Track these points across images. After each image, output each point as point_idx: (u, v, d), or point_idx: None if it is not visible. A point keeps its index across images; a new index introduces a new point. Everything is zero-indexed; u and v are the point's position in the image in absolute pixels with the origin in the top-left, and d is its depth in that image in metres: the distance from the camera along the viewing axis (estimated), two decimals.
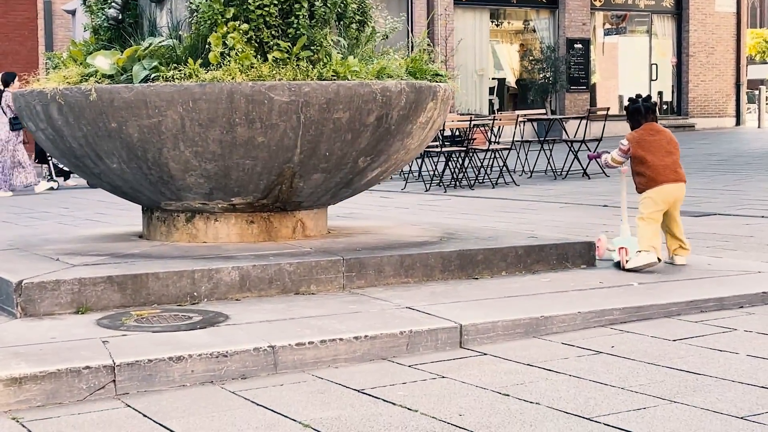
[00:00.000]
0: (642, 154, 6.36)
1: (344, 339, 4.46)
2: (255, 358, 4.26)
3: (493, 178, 15.00)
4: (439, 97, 6.22)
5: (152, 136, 5.70)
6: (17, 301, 4.89)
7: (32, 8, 19.97)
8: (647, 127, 6.48)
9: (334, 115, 5.73)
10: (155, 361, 4.08)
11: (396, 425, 3.55)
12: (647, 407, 3.71)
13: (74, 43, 6.58)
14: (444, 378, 4.18)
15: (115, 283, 5.08)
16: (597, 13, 27.36)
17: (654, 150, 6.38)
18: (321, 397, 3.94)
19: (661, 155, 6.39)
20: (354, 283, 5.58)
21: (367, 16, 6.52)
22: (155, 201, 6.20)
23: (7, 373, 3.84)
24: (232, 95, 5.57)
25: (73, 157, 6.17)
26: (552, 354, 4.54)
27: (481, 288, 5.63)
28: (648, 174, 6.34)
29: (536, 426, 3.52)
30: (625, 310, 5.18)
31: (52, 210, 12.48)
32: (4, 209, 12.70)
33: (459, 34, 24.53)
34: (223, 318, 4.84)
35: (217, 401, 3.90)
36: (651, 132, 6.45)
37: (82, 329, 4.61)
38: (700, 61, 28.54)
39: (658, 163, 6.35)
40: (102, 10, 6.50)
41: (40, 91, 5.93)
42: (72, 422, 3.66)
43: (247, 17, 5.81)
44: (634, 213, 6.44)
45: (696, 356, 4.46)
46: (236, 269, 5.33)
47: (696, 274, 6.13)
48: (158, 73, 5.74)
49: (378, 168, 6.28)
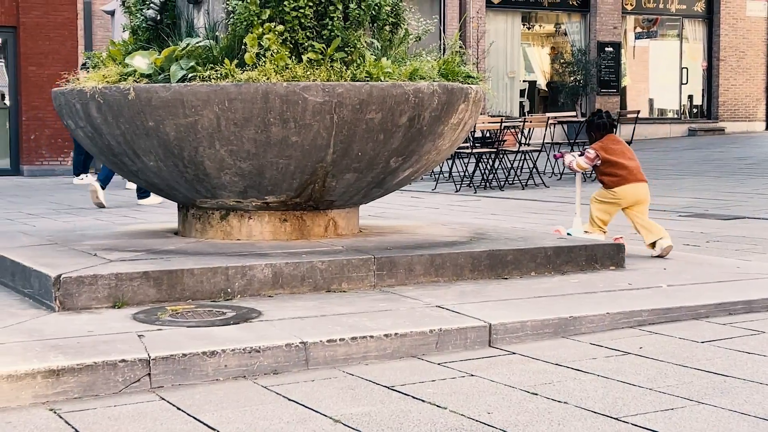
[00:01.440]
0: (614, 159, 7.24)
1: (375, 336, 4.47)
2: (287, 354, 4.28)
3: (522, 180, 14.96)
4: (470, 98, 6.21)
5: (188, 134, 5.73)
6: (56, 295, 4.93)
7: (72, 9, 20.13)
8: (609, 137, 7.42)
9: (367, 115, 5.74)
10: (189, 356, 4.11)
11: (425, 422, 3.56)
12: (675, 408, 3.68)
13: (113, 43, 6.62)
14: (473, 376, 4.17)
15: (151, 279, 5.12)
16: (628, 17, 27.19)
17: (620, 154, 7.30)
18: (351, 393, 3.94)
19: (627, 159, 7.32)
20: (385, 281, 5.59)
21: (401, 18, 6.52)
22: (191, 198, 6.23)
23: (45, 366, 3.87)
24: (267, 95, 5.59)
25: (111, 155, 6.21)
26: (580, 354, 4.53)
27: (511, 288, 5.62)
28: (621, 173, 7.22)
29: (564, 425, 3.51)
30: (654, 312, 5.15)
31: (90, 206, 12.57)
32: (44, 205, 12.81)
33: (491, 37, 24.47)
34: (256, 314, 4.86)
35: (250, 395, 3.92)
36: (613, 141, 7.39)
37: (118, 323, 4.64)
38: (730, 66, 28.31)
39: (627, 165, 7.24)
40: (140, 11, 6.54)
41: (80, 90, 5.98)
42: (108, 414, 3.69)
43: (282, 19, 5.82)
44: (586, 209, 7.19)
45: (724, 358, 4.42)
46: (269, 266, 5.35)
47: (725, 277, 6.09)
48: (195, 73, 5.77)
49: (409, 168, 6.28)
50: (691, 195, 12.83)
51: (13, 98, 19.78)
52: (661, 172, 16.53)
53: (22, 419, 3.63)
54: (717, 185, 14.21)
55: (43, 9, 19.75)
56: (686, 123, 27.74)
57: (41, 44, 19.69)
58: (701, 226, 9.65)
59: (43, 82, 19.14)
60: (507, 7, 25.50)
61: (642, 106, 26.36)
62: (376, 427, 3.50)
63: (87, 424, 3.56)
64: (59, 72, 8.85)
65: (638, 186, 7.21)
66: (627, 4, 26.94)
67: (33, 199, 13.98)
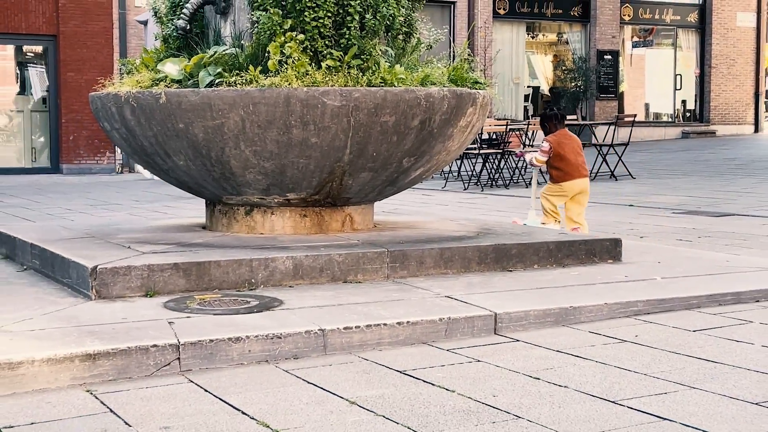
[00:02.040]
0: (562, 153, 7.62)
1: (388, 324, 4.47)
2: (306, 340, 4.28)
3: (526, 179, 14.93)
4: (478, 103, 6.19)
5: (216, 136, 5.74)
6: (92, 284, 4.95)
7: (108, 19, 20.18)
8: (562, 132, 7.73)
9: (382, 118, 5.73)
10: (216, 341, 4.11)
11: (434, 404, 3.55)
12: (668, 392, 3.67)
13: (146, 50, 6.63)
14: (479, 362, 4.17)
15: (181, 270, 5.13)
16: (626, 27, 27.08)
17: (569, 150, 7.66)
18: (366, 376, 3.94)
19: (574, 155, 7.68)
20: (397, 273, 5.58)
21: (413, 28, 6.51)
22: (217, 195, 6.24)
23: (82, 350, 3.89)
24: (289, 99, 5.59)
25: (144, 155, 6.23)
26: (580, 342, 4.52)
27: (515, 279, 5.61)
28: (565, 169, 7.65)
29: (564, 407, 3.50)
30: (649, 303, 5.14)
31: (124, 202, 12.62)
32: (81, 200, 12.86)
33: (497, 45, 24.42)
34: (278, 303, 4.86)
35: (272, 379, 3.92)
36: (566, 136, 7.73)
37: (150, 311, 4.66)
38: (721, 73, 28.17)
39: (573, 161, 7.65)
40: (171, 21, 6.55)
41: (115, 94, 5.99)
42: (140, 395, 3.70)
43: (303, 28, 5.82)
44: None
45: (714, 346, 4.41)
46: (290, 259, 5.35)
47: (715, 270, 6.06)
48: (222, 79, 5.77)
49: (421, 168, 6.27)
50: (684, 193, 12.78)
51: (53, 102, 19.86)
52: (655, 172, 16.46)
53: (60, 399, 3.64)
54: (708, 184, 14.15)
55: (82, 19, 19.81)
56: (680, 126, 27.63)
57: (79, 51, 19.75)
58: (693, 222, 9.61)
59: (81, 87, 19.21)
60: (513, 18, 25.44)
61: (639, 111, 26.25)
62: (389, 409, 3.50)
63: (121, 404, 3.57)
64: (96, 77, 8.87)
65: (581, 181, 7.72)
66: (625, 15, 26.84)
67: (71, 195, 14.03)
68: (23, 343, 3.99)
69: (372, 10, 5.98)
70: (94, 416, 3.44)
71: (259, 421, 3.37)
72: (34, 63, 20.21)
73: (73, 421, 3.39)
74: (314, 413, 3.45)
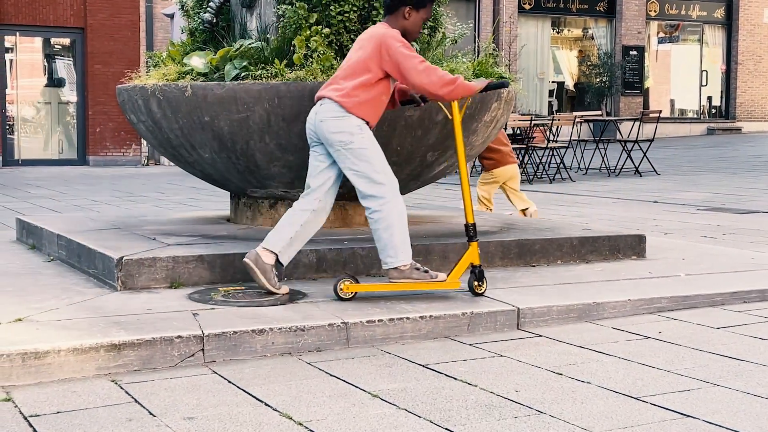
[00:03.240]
0: (493, 145, 8.38)
1: (411, 318, 4.47)
2: (329, 333, 4.29)
3: (550, 174, 14.88)
4: (502, 98, 6.17)
5: (241, 129, 5.75)
6: (118, 275, 4.98)
7: (135, 12, 20.28)
8: None
9: (406, 112, 5.73)
10: (240, 333, 4.13)
11: (457, 398, 3.55)
12: (691, 389, 3.65)
13: (172, 43, 6.65)
14: (502, 357, 4.16)
15: (205, 262, 5.15)
16: (652, 23, 26.93)
17: (497, 141, 8.43)
18: (389, 370, 3.95)
19: (503, 144, 8.54)
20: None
21: (438, 22, 6.50)
22: (242, 188, 6.26)
23: (108, 340, 3.91)
24: (314, 93, 5.58)
25: (170, 147, 6.25)
26: (603, 338, 4.50)
27: (538, 275, 5.60)
28: (496, 157, 8.50)
29: (587, 403, 3.49)
30: (673, 299, 5.11)
31: (150, 194, 12.68)
32: (107, 192, 12.94)
33: (522, 40, 24.35)
34: (301, 296, 4.87)
35: (295, 371, 3.93)
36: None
37: (174, 302, 4.68)
38: (747, 69, 27.95)
39: (504, 150, 8.52)
40: (198, 15, 6.57)
41: (142, 87, 6.01)
42: (165, 386, 3.72)
43: (328, 22, 5.83)
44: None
45: (738, 343, 4.38)
46: (314, 252, 5.36)
47: (740, 267, 6.02)
48: (247, 72, 5.78)
49: (445, 162, 6.26)
50: (708, 190, 12.69)
51: (80, 94, 19.99)
52: (680, 168, 16.35)
53: (86, 389, 3.67)
54: (733, 181, 14.04)
55: (109, 12, 19.92)
56: (705, 122, 27.45)
57: (106, 44, 19.86)
58: (718, 219, 9.55)
59: (108, 80, 19.34)
60: (538, 13, 25.34)
61: (664, 107, 26.11)
62: (412, 402, 3.50)
63: (145, 395, 3.60)
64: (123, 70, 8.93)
65: (510, 167, 8.60)
66: (651, 11, 26.67)
67: (98, 187, 14.12)
68: (50, 332, 4.02)
69: None
70: (119, 406, 3.47)
71: (282, 413, 3.38)
72: (62, 55, 20.35)
73: (98, 410, 3.42)
74: (336, 406, 3.46)
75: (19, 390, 3.65)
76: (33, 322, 4.21)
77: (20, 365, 3.74)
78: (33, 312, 4.41)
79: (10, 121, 19.49)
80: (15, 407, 3.46)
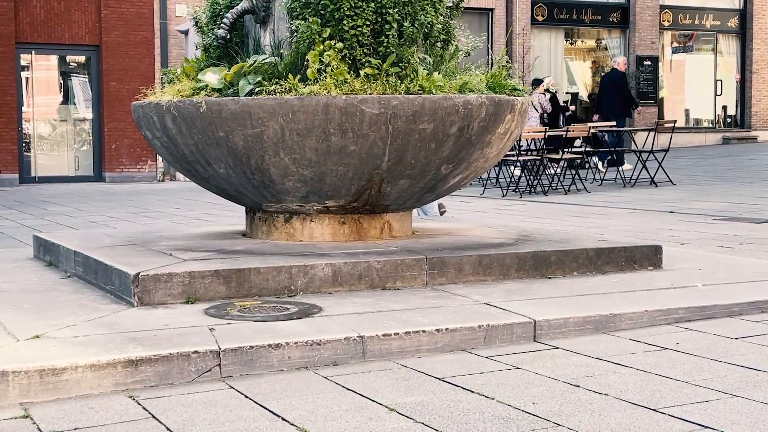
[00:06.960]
0: None
1: (427, 331, 4.46)
2: (345, 347, 4.29)
3: (565, 185, 14.86)
4: (516, 109, 6.17)
5: (255, 144, 5.77)
6: (134, 291, 5.00)
7: (150, 29, 20.40)
8: None
9: (420, 126, 5.73)
10: (256, 348, 4.13)
11: (474, 411, 3.54)
12: (709, 400, 3.63)
13: (187, 60, 6.68)
14: (519, 369, 4.15)
15: (221, 277, 5.16)
16: (665, 33, 26.88)
17: None
18: (405, 383, 3.94)
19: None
20: (436, 280, 5.58)
21: (451, 35, 6.51)
22: (257, 203, 6.27)
23: (125, 356, 3.92)
24: (328, 108, 5.61)
25: (185, 163, 6.28)
26: (620, 349, 4.48)
27: (554, 286, 5.58)
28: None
29: (604, 415, 3.48)
30: (690, 310, 5.09)
31: (166, 210, 12.73)
32: (123, 208, 12.99)
33: (535, 52, 24.36)
34: (317, 310, 4.87)
35: (311, 385, 3.93)
36: None
37: (191, 317, 4.69)
38: (762, 78, 27.84)
39: None
40: (212, 31, 6.60)
41: (157, 103, 6.05)
42: (182, 401, 3.72)
43: (342, 37, 5.84)
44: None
45: (756, 353, 4.35)
46: (329, 266, 5.36)
47: (757, 277, 5.99)
48: (261, 88, 5.81)
49: (459, 175, 6.26)
50: (724, 200, 12.64)
51: (96, 110, 20.10)
52: (696, 178, 16.29)
53: (103, 405, 3.68)
54: (750, 190, 13.98)
55: (123, 29, 20.04)
56: (720, 132, 27.34)
57: (121, 61, 19.98)
58: (735, 228, 9.50)
59: (123, 96, 19.44)
60: (551, 24, 25.35)
61: (678, 116, 26.03)
62: (428, 416, 3.49)
63: (163, 410, 3.60)
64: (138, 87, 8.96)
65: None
66: (664, 21, 26.64)
67: (114, 203, 14.19)
68: (67, 349, 4.04)
69: (410, 18, 5.99)
70: (137, 422, 3.47)
71: (299, 428, 3.38)
72: (77, 73, 20.48)
73: (115, 426, 3.43)
74: (353, 420, 3.45)
75: (37, 406, 3.67)
76: (50, 339, 4.23)
77: (38, 382, 3.75)
78: (50, 329, 4.43)
79: (26, 138, 19.60)
80: (33, 424, 3.47)
